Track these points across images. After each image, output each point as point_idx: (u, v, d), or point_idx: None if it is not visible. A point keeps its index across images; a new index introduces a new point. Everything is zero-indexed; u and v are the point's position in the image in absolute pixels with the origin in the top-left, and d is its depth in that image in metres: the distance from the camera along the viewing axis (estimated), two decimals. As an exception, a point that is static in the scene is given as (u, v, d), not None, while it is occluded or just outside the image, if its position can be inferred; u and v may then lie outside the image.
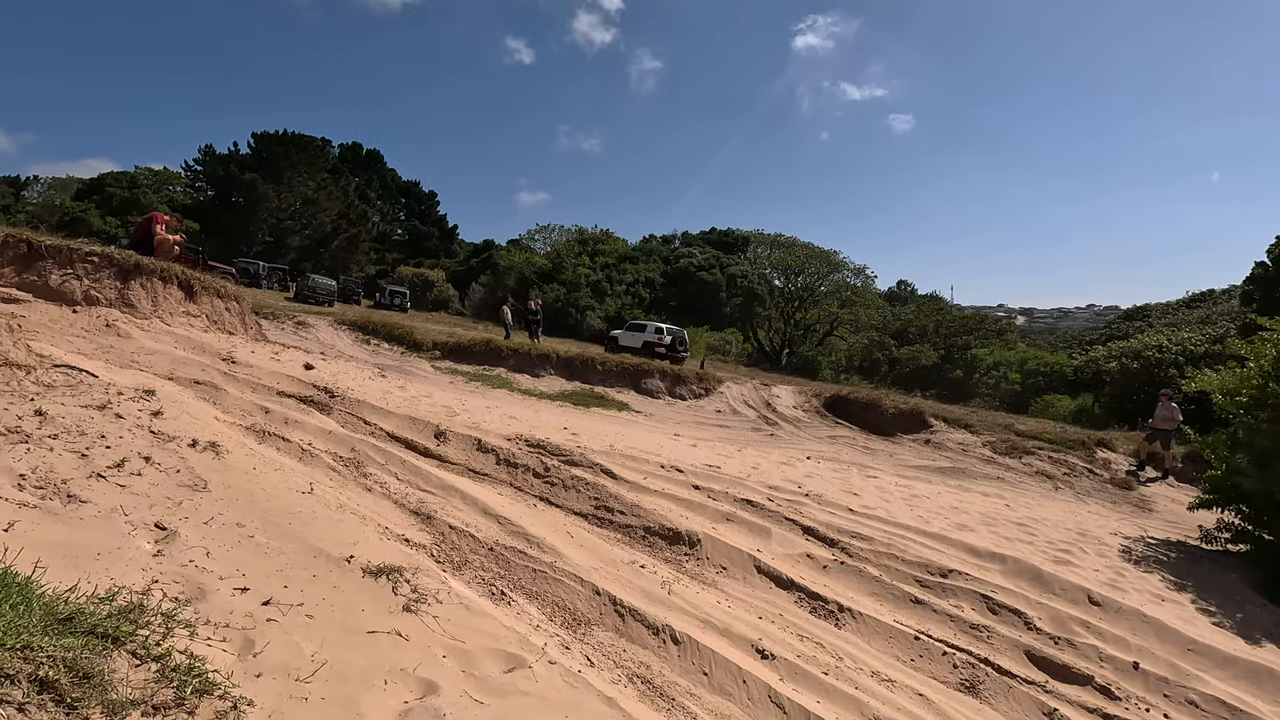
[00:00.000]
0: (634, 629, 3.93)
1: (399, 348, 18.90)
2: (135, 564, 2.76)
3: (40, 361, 5.01)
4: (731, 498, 7.28)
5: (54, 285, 8.76)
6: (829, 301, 45.09)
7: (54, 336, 6.92)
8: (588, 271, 45.99)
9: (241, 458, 4.45)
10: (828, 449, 14.45)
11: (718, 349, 37.14)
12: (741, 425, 17.22)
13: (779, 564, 5.63)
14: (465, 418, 8.83)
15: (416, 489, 5.28)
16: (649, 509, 6.08)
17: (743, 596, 4.98)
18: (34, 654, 1.77)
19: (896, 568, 6.10)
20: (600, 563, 4.73)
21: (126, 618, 2.25)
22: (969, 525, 8.14)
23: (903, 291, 66.34)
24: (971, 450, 15.07)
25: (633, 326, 28.75)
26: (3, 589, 1.98)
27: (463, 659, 2.89)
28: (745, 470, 9.38)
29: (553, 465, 6.70)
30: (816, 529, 6.74)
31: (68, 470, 3.35)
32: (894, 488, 10.05)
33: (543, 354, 20.05)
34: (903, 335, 39.20)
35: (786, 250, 47.49)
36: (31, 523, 2.74)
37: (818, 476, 10.04)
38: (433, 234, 60.55)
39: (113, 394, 4.82)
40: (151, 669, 2.12)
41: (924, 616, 5.31)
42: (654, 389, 19.59)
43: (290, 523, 3.64)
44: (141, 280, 9.52)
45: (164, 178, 53.49)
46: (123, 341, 7.66)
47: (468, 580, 3.86)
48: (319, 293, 31.50)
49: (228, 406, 5.91)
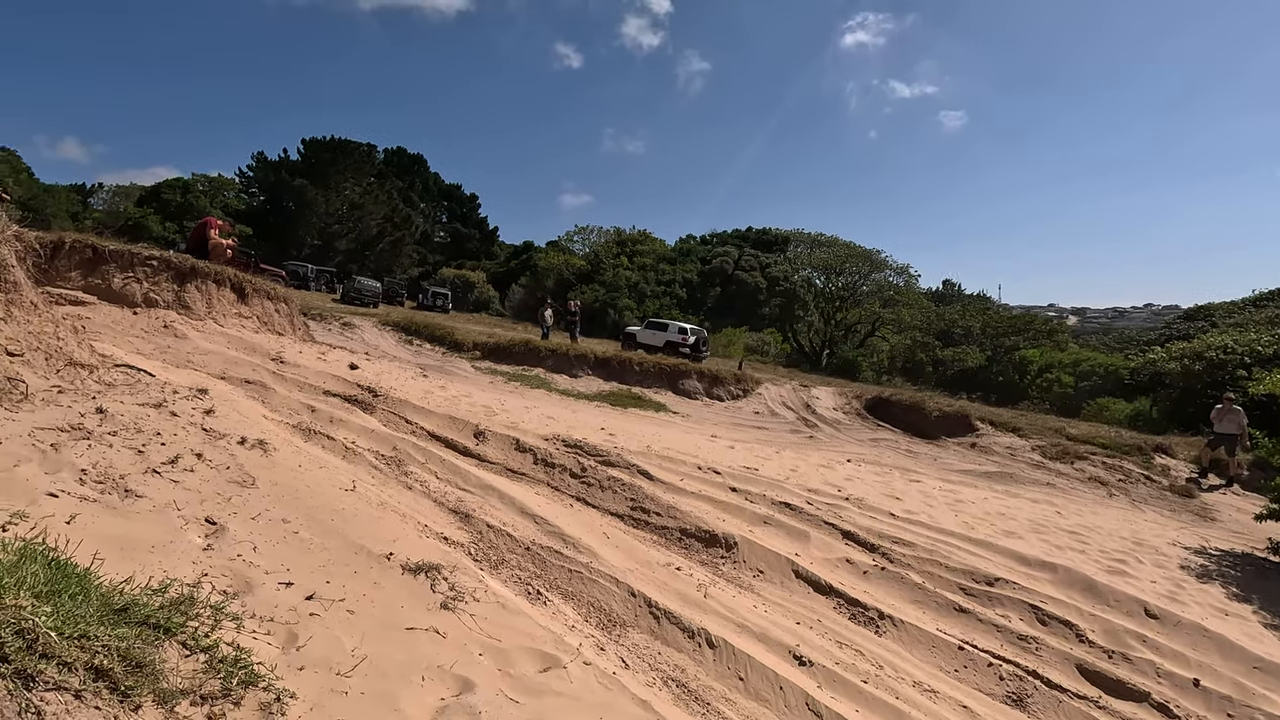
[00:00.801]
0: (669, 632, 3.92)
1: (440, 348, 19.25)
2: (186, 557, 2.86)
3: (102, 361, 5.25)
4: (769, 500, 7.20)
5: (116, 288, 9.16)
6: (871, 301, 44.30)
7: (115, 337, 7.24)
8: (626, 273, 46.13)
9: (288, 455, 4.58)
10: (869, 452, 14.19)
11: (756, 349, 36.83)
12: (780, 427, 17.03)
13: (817, 569, 5.54)
14: (504, 417, 8.93)
15: (455, 488, 5.35)
16: (685, 511, 6.05)
17: (780, 601, 4.91)
18: (90, 643, 1.84)
19: (940, 575, 5.95)
20: (636, 564, 4.73)
21: (178, 609, 2.32)
22: (1017, 532, 7.89)
23: (948, 291, 64.70)
24: (1020, 455, 14.61)
25: (652, 324, 28.49)
26: (63, 580, 2.06)
27: (499, 657, 2.91)
28: (784, 473, 9.27)
29: (589, 466, 6.73)
30: (856, 534, 6.61)
31: (125, 466, 3.49)
32: (938, 492, 9.80)
33: (580, 354, 20.17)
34: (947, 336, 38.25)
35: (827, 249, 46.83)
36: (91, 516, 2.87)
37: (858, 480, 9.86)
38: (474, 236, 61.51)
39: (168, 393, 5.01)
40: (200, 660, 2.18)
41: (969, 626, 5.16)
42: (691, 390, 19.53)
43: (333, 519, 3.73)
44: (197, 283, 9.90)
45: (218, 184, 55.53)
46: (179, 342, 7.97)
47: (504, 579, 3.90)
48: (364, 294, 32.30)
49: (276, 405, 6.10)
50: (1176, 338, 30.81)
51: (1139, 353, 33.15)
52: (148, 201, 51.40)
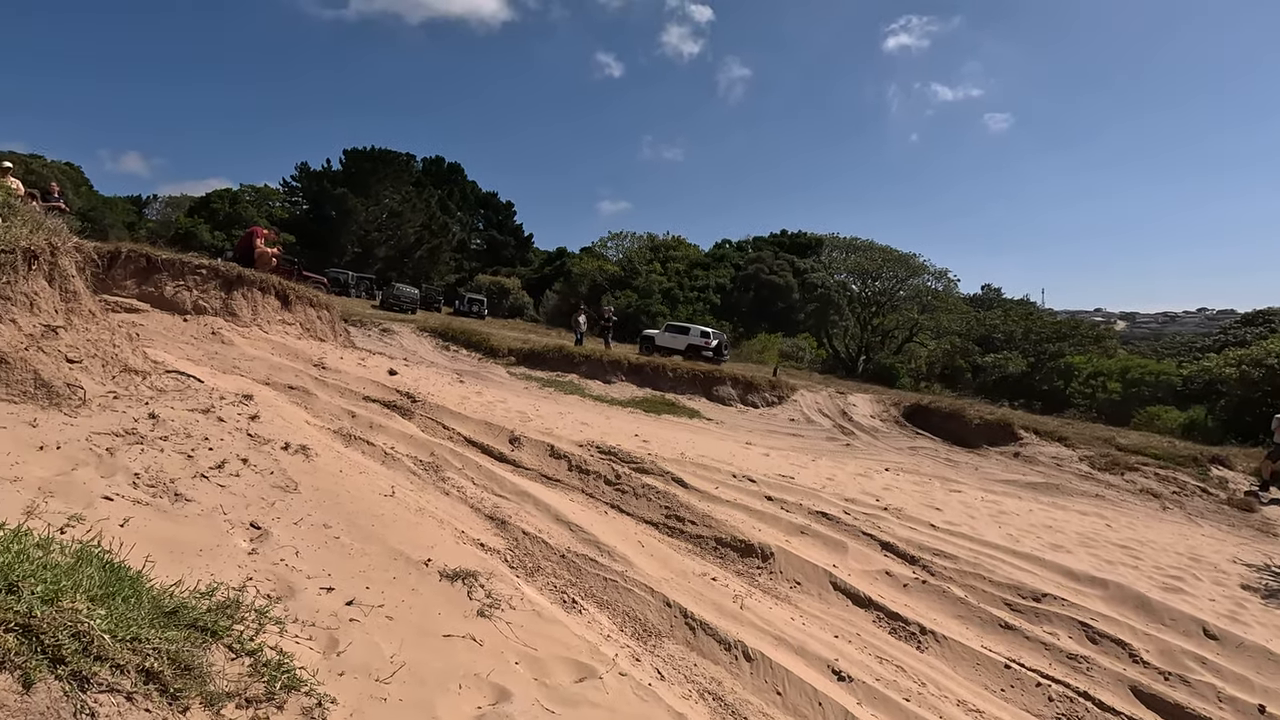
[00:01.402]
0: (705, 643, 3.87)
1: (476, 354, 19.49)
2: (232, 561, 2.92)
3: (154, 367, 5.43)
4: (806, 510, 7.09)
5: (168, 296, 9.50)
6: (908, 306, 43.48)
7: (167, 343, 7.49)
8: (660, 278, 46.15)
9: (329, 460, 4.67)
10: (907, 461, 13.90)
11: (791, 355, 36.45)
12: (816, 434, 16.80)
13: (856, 581, 5.43)
14: (538, 423, 8.99)
15: (492, 494, 5.39)
16: (720, 520, 6.00)
17: (818, 614, 4.82)
18: (142, 645, 1.88)
19: (984, 589, 5.77)
20: (671, 573, 4.69)
21: (224, 613, 2.37)
22: (1064, 546, 7.62)
23: (988, 296, 63.19)
24: (1067, 465, 14.16)
25: (672, 328, 28.18)
26: (117, 583, 2.12)
27: (534, 666, 2.91)
28: (820, 481, 9.13)
29: (624, 473, 6.71)
30: (896, 545, 6.47)
31: (175, 470, 3.60)
32: (980, 503, 9.55)
33: (614, 360, 20.22)
34: (988, 342, 37.31)
35: (863, 254, 46.11)
36: (143, 519, 2.95)
37: (897, 489, 9.66)
38: (509, 243, 62.27)
39: (216, 398, 5.16)
40: (245, 663, 2.22)
41: (1015, 643, 4.99)
42: (725, 396, 19.41)
43: (373, 525, 3.78)
44: (243, 291, 10.20)
45: (264, 193, 57.30)
46: (226, 348, 8.21)
47: (540, 587, 3.90)
48: (403, 301, 32.89)
49: (318, 411, 6.23)
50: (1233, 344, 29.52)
51: (1193, 359, 31.88)
52: (198, 211, 53.30)
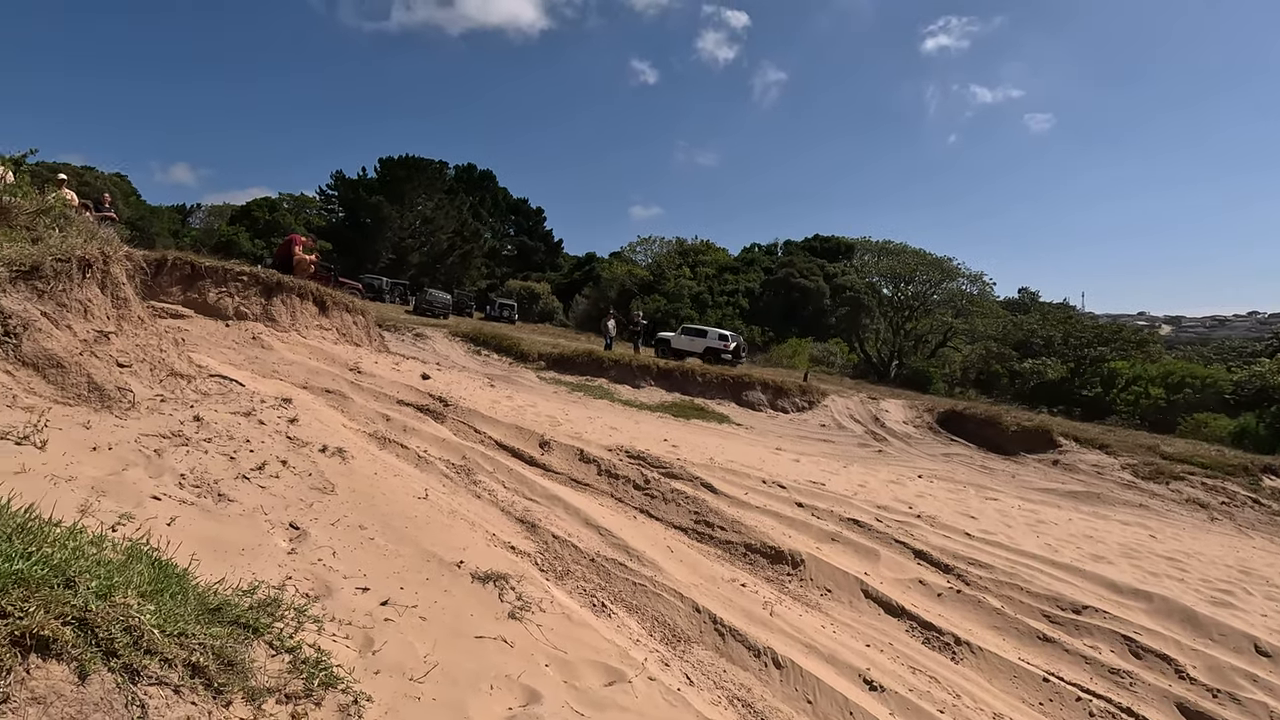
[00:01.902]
0: (734, 649, 3.85)
1: (507, 358, 19.69)
2: (272, 560, 3.00)
3: (199, 371, 5.61)
4: (837, 517, 7.02)
5: (211, 302, 9.80)
6: (942, 310, 42.68)
7: (210, 348, 7.73)
8: (689, 283, 46.10)
9: (364, 463, 4.77)
10: (941, 467, 13.65)
11: (821, 360, 36.08)
12: (847, 440, 16.61)
13: (888, 589, 5.35)
14: (568, 428, 9.05)
15: (522, 497, 5.45)
16: (750, 526, 5.97)
17: (849, 622, 4.76)
18: (188, 641, 1.95)
19: (1021, 600, 5.64)
20: (700, 579, 4.68)
21: (265, 610, 2.44)
22: (1106, 557, 7.41)
23: (1025, 300, 61.80)
24: (1108, 473, 13.76)
25: (689, 330, 28.13)
26: (165, 579, 2.20)
27: (564, 669, 2.93)
28: (851, 488, 9.02)
29: (653, 478, 6.72)
30: (929, 553, 6.36)
31: (219, 471, 3.71)
32: (1016, 512, 9.33)
33: (643, 365, 20.25)
34: (1025, 346, 36.44)
35: (896, 257, 45.44)
36: (189, 519, 3.05)
37: (930, 497, 9.49)
38: (539, 248, 62.81)
39: (256, 402, 5.31)
40: (285, 660, 2.28)
41: (1054, 656, 4.87)
42: (755, 401, 19.29)
43: (407, 527, 3.85)
44: (282, 297, 10.47)
45: (302, 202, 58.76)
46: (265, 353, 8.44)
47: (570, 590, 3.93)
48: (435, 306, 33.38)
49: (354, 414, 6.37)
50: (1287, 349, 28.36)
51: (1243, 365, 30.72)
52: (239, 220, 54.91)
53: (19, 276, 3.91)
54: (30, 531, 2.00)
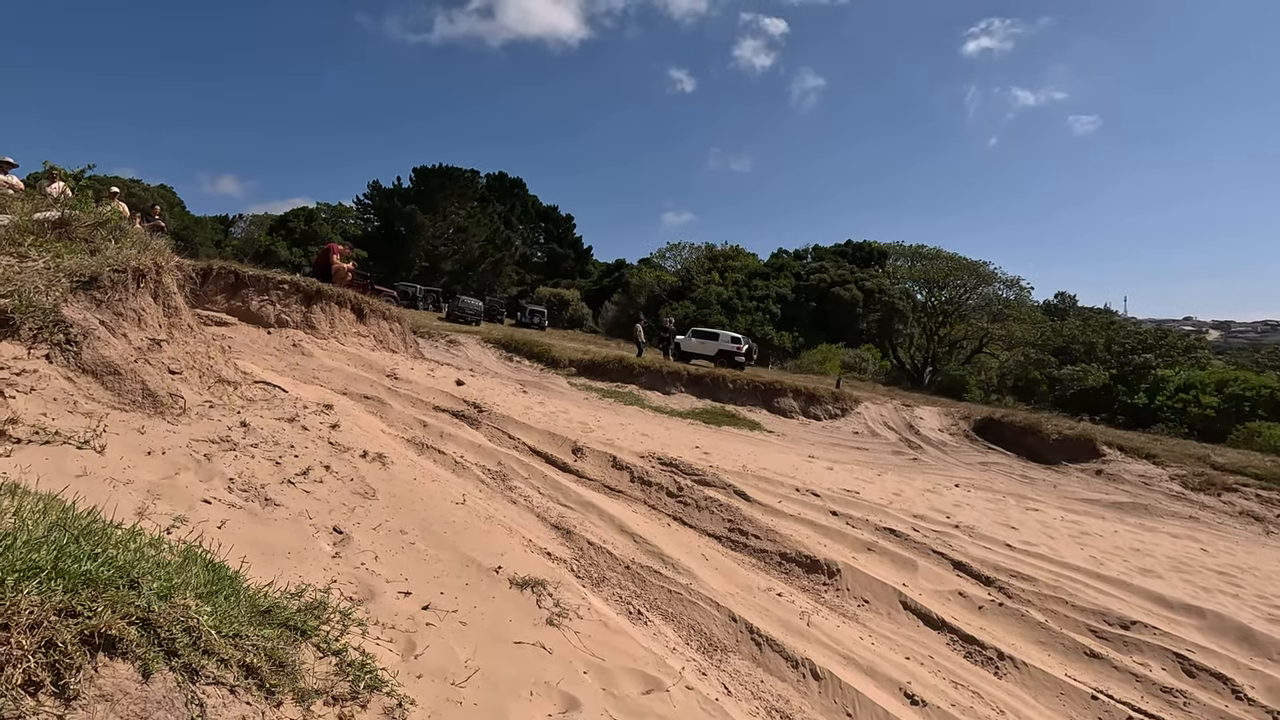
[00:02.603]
0: (771, 660, 3.82)
1: (538, 364, 19.85)
2: (318, 564, 3.07)
3: (244, 378, 5.76)
4: (872, 526, 6.91)
5: (253, 310, 10.07)
6: (977, 316, 41.82)
7: (253, 355, 7.94)
8: (719, 289, 45.97)
9: (403, 469, 4.84)
10: (979, 476, 13.36)
11: (853, 367, 35.62)
12: (881, 448, 16.35)
13: (927, 601, 5.25)
14: (600, 434, 9.08)
15: (557, 503, 5.48)
16: (784, 534, 5.91)
17: (887, 634, 4.68)
18: (242, 642, 2.01)
19: (1066, 614, 5.49)
20: (735, 588, 4.65)
21: (312, 613, 2.49)
22: (1155, 570, 7.17)
23: (1063, 304, 60.27)
24: (1155, 484, 13.32)
25: (699, 333, 27.69)
26: (218, 581, 2.27)
27: (602, 676, 2.94)
28: (886, 497, 8.88)
29: (686, 485, 6.71)
30: (969, 564, 6.22)
31: (265, 476, 3.81)
32: (1059, 523, 9.08)
33: (673, 371, 20.23)
34: (1065, 352, 35.50)
35: (929, 262, 44.70)
36: (238, 523, 3.14)
37: (968, 506, 9.30)
38: (569, 255, 63.27)
39: (299, 408, 5.44)
40: (331, 662, 2.33)
41: (1102, 673, 4.72)
42: (787, 408, 19.13)
43: (446, 532, 3.90)
44: (321, 305, 10.72)
45: (339, 211, 60.10)
46: (306, 359, 8.64)
47: (606, 597, 3.94)
48: (467, 313, 33.83)
49: (392, 420, 6.48)
50: (1345, 355, 27.15)
51: (1298, 371, 29.49)
52: (277, 229, 56.35)
53: (79, 287, 4.07)
54: (94, 533, 2.08)
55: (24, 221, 4.66)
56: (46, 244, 4.49)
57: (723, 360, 25.20)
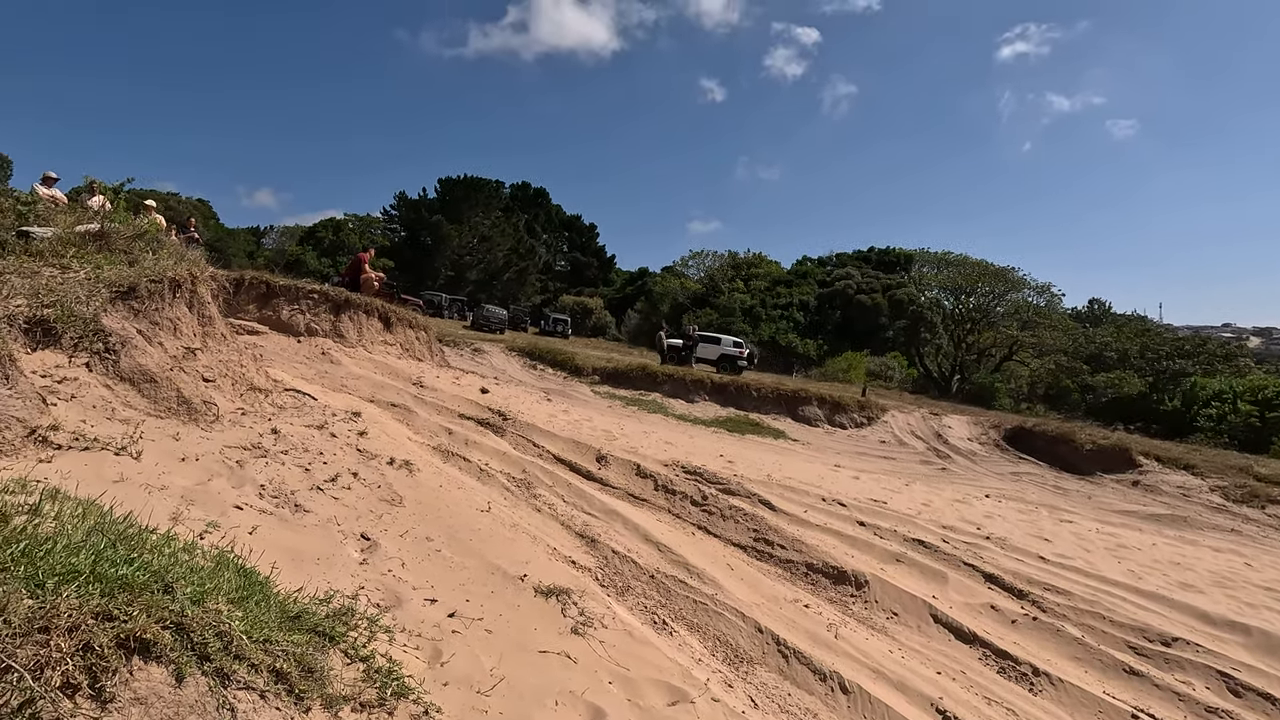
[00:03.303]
0: (798, 672, 3.76)
1: (562, 372, 19.92)
2: (346, 570, 3.09)
3: (275, 386, 5.86)
4: (901, 537, 6.80)
5: (284, 319, 10.25)
6: (1006, 323, 41.07)
7: (283, 363, 8.07)
8: (743, 296, 45.80)
9: (430, 476, 4.88)
10: (1010, 487, 13.08)
11: (879, 375, 35.21)
12: (908, 457, 16.11)
13: (958, 614, 5.14)
14: (623, 442, 9.07)
15: (581, 511, 5.47)
16: (811, 544, 5.83)
17: (918, 647, 4.59)
18: (272, 647, 2.02)
19: (1103, 630, 5.33)
20: (762, 598, 4.60)
21: (340, 619, 2.51)
22: (1196, 585, 6.94)
23: (1095, 311, 58.95)
24: (1195, 495, 12.93)
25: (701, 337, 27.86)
26: (249, 586, 2.29)
27: (627, 687, 2.91)
28: (915, 507, 8.73)
29: (710, 494, 6.66)
30: (1001, 577, 6.08)
31: (295, 483, 3.86)
32: (1094, 535, 8.85)
33: (697, 379, 20.16)
34: (1098, 360, 34.71)
35: (956, 269, 44.06)
36: (269, 528, 3.18)
37: (999, 517, 9.10)
38: (592, 264, 63.58)
39: (328, 415, 5.51)
40: (359, 669, 2.34)
41: (1143, 691, 4.57)
42: (812, 417, 18.95)
43: (471, 539, 3.91)
44: (349, 314, 10.88)
45: (367, 222, 61.14)
46: (334, 367, 8.77)
47: (631, 607, 3.92)
48: (492, 321, 34.12)
49: (418, 427, 6.53)
50: (1396, 362, 26.16)
51: (1345, 380, 28.49)
52: (306, 240, 57.48)
53: (118, 297, 4.18)
54: (130, 538, 2.12)
55: (66, 234, 4.81)
56: (87, 256, 4.62)
57: (724, 364, 25.62)
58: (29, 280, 3.93)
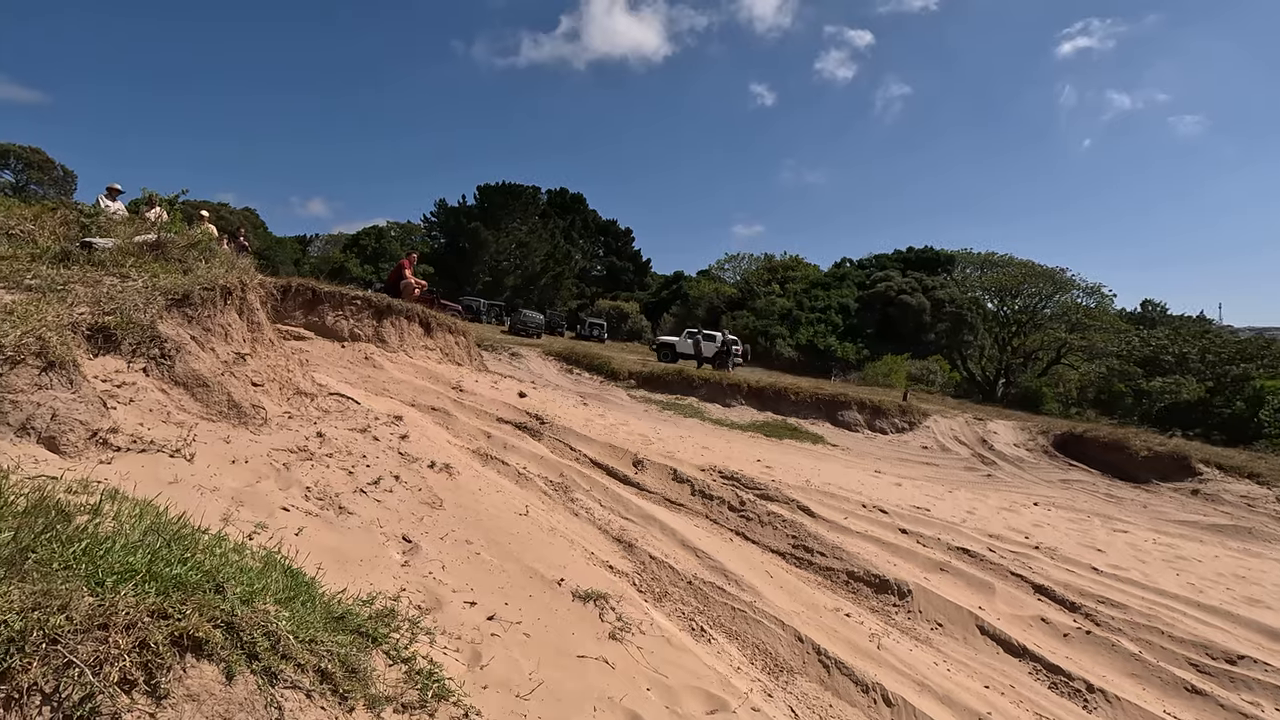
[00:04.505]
0: (840, 683, 3.68)
1: (598, 376, 19.99)
2: (388, 572, 3.14)
3: (320, 390, 6.01)
4: (945, 545, 6.62)
5: (329, 324, 10.51)
6: (1054, 325, 39.78)
7: (328, 368, 8.28)
8: (780, 299, 45.37)
9: (469, 479, 4.93)
10: (1059, 495, 12.65)
11: (920, 378, 34.44)
12: (952, 463, 15.71)
13: (1006, 626, 4.97)
14: (660, 446, 9.04)
15: (618, 516, 5.47)
16: (851, 552, 5.72)
17: (964, 660, 4.45)
18: (318, 647, 2.06)
19: (1162, 645, 5.10)
20: (801, 606, 4.52)
21: (382, 621, 2.55)
22: (1263, 600, 6.60)
23: (1149, 313, 56.70)
24: (1260, 505, 12.31)
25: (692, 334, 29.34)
26: (296, 587, 2.34)
27: (666, 694, 2.89)
28: (959, 515, 8.50)
29: (748, 499, 6.59)
30: (1051, 589, 5.87)
31: (339, 485, 3.95)
32: (1151, 546, 8.49)
33: (733, 384, 20.01)
34: (1153, 363, 33.31)
35: (1001, 269, 42.93)
36: (314, 530, 3.25)
37: (1048, 526, 8.80)
38: (628, 268, 63.79)
39: (371, 419, 5.62)
40: (400, 670, 2.36)
41: (1206, 711, 4.35)
42: (851, 421, 18.63)
43: (509, 543, 3.94)
44: (391, 319, 11.10)
45: (408, 229, 62.47)
46: (376, 372, 8.95)
47: (668, 613, 3.89)
48: (529, 326, 34.50)
49: (457, 431, 6.62)
50: None
51: None
52: (349, 248, 58.98)
53: (173, 304, 4.34)
54: (184, 538, 2.18)
55: (126, 244, 5.02)
56: (145, 265, 4.81)
57: (719, 361, 25.97)
58: (91, 289, 4.11)
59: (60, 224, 5.28)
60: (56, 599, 1.53)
